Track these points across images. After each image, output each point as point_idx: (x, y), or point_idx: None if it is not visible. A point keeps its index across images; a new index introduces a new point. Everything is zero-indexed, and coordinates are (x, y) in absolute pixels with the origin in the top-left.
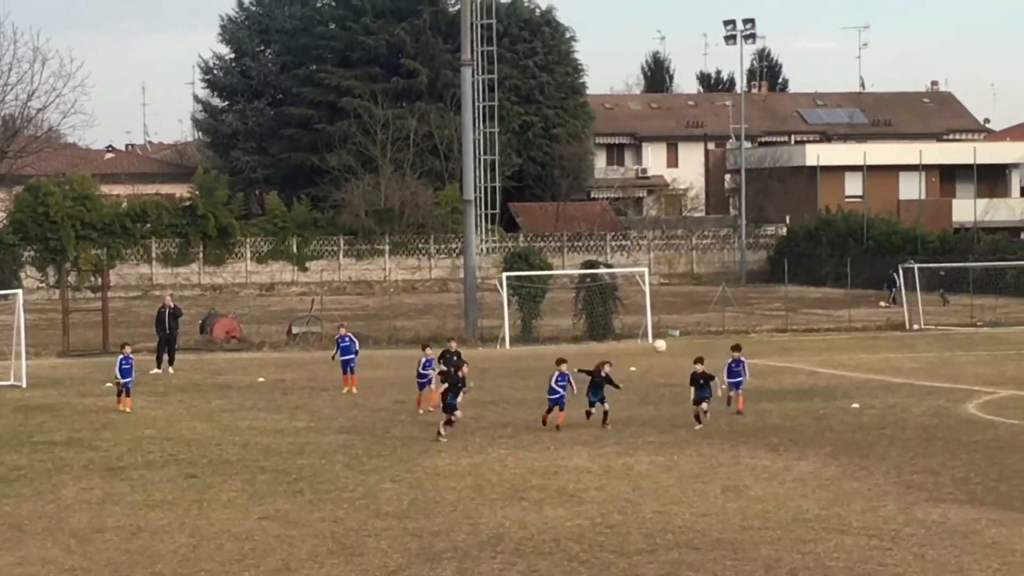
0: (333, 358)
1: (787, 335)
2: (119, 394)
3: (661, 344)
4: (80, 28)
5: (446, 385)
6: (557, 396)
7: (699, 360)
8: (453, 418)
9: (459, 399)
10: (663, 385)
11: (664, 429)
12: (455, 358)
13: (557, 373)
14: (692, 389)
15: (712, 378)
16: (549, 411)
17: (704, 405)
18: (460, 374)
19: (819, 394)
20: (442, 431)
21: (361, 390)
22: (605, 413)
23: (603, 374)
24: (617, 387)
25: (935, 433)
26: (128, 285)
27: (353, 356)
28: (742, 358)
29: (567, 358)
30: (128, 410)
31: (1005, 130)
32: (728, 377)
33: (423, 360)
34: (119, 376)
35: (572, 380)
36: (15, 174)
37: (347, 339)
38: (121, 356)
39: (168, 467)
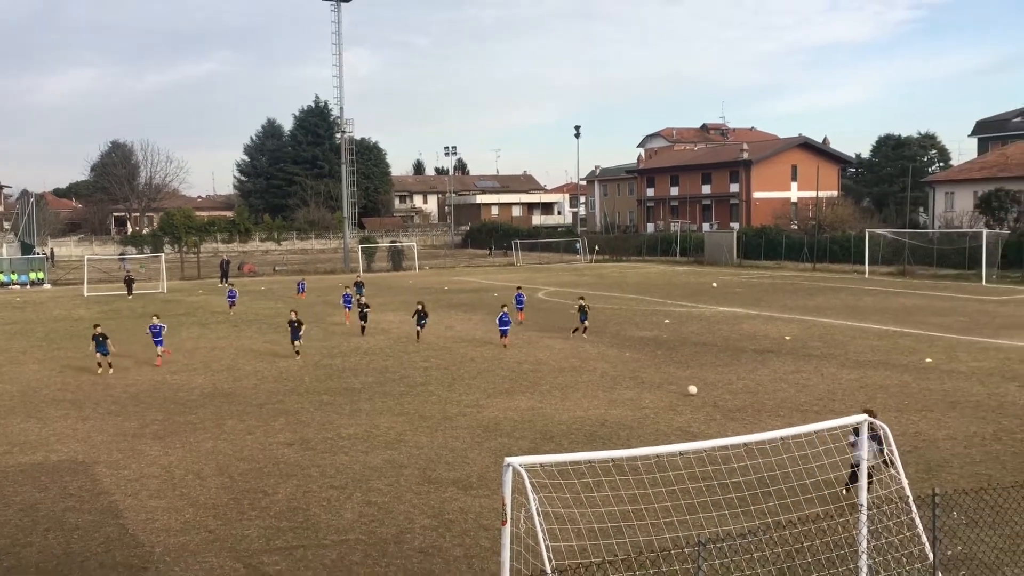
0: (299, 292)
1: (471, 268)
2: (231, 306)
3: (693, 389)
4: (185, 148)
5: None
6: (505, 327)
7: (582, 297)
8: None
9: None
10: (425, 288)
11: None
12: (362, 286)
13: (502, 313)
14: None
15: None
16: (502, 336)
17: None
18: (362, 302)
19: (484, 289)
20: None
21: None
22: (421, 328)
23: (421, 309)
24: (427, 315)
25: (535, 305)
26: (208, 251)
27: (302, 289)
28: (523, 293)
29: (425, 301)
30: (231, 314)
31: (553, 188)
32: (515, 303)
33: (344, 294)
34: (228, 298)
35: (511, 315)
36: (159, 207)
37: (304, 285)
38: (229, 290)
39: (224, 323)
